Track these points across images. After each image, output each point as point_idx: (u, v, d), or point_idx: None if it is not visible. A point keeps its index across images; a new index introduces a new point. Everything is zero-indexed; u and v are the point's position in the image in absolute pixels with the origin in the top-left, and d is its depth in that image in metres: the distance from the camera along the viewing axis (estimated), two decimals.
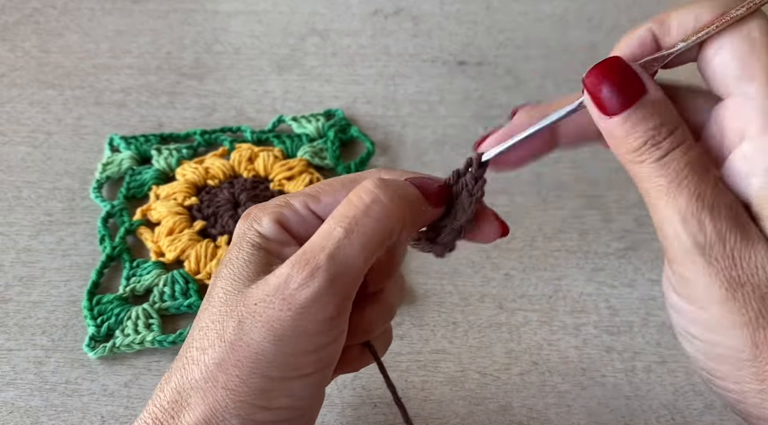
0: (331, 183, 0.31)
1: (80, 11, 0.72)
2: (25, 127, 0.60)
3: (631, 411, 0.42)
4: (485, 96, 0.64)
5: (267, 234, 0.30)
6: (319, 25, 0.71)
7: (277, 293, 0.27)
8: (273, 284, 0.27)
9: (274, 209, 0.30)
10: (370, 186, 0.28)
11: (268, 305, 0.27)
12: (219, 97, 0.63)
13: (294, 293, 0.26)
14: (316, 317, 0.27)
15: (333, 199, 0.30)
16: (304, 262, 0.27)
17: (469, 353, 0.45)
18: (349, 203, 0.28)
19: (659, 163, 0.25)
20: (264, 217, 0.30)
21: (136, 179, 0.55)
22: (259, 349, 0.26)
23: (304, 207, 0.30)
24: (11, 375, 0.44)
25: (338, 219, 0.28)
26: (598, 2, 0.75)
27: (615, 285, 0.49)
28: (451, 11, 0.74)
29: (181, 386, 0.27)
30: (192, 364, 0.28)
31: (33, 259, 0.50)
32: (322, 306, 0.27)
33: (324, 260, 0.27)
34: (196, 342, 0.28)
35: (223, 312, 0.28)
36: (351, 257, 0.27)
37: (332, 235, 0.27)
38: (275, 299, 0.27)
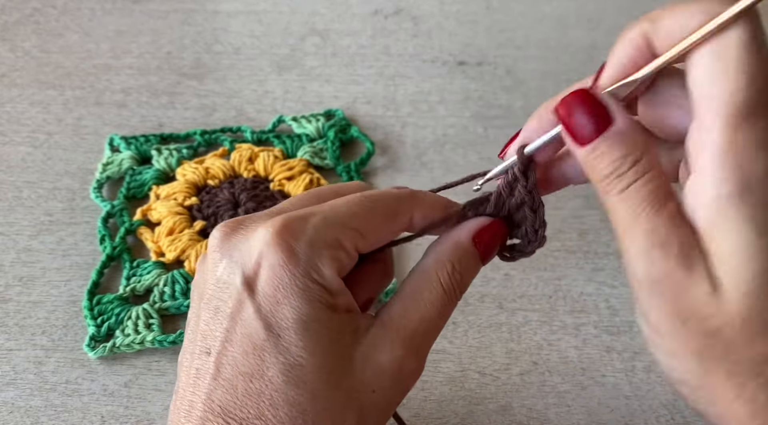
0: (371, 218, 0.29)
1: (80, 11, 0.72)
2: (25, 127, 0.60)
3: (631, 410, 0.42)
4: (485, 96, 0.64)
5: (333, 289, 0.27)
6: (319, 25, 0.71)
7: (394, 380, 0.28)
8: (389, 371, 0.28)
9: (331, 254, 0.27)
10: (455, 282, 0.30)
11: (386, 392, 0.28)
12: (219, 97, 0.63)
13: (407, 380, 0.29)
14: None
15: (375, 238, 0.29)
16: (416, 350, 0.29)
17: (469, 353, 0.45)
18: (442, 293, 0.30)
19: (621, 195, 0.26)
20: (325, 268, 0.27)
21: (136, 179, 0.55)
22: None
23: (355, 249, 0.28)
24: (11, 375, 0.44)
25: (438, 310, 0.30)
26: (598, 2, 0.75)
27: (615, 285, 0.49)
28: (451, 11, 0.74)
29: None
30: None
31: (33, 259, 0.50)
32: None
33: (428, 349, 0.30)
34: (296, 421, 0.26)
35: (337, 400, 0.26)
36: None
37: (435, 326, 0.30)
38: (391, 384, 0.28)
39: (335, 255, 0.27)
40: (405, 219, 0.30)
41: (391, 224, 0.30)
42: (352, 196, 0.30)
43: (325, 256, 0.27)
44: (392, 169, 0.57)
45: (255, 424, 0.25)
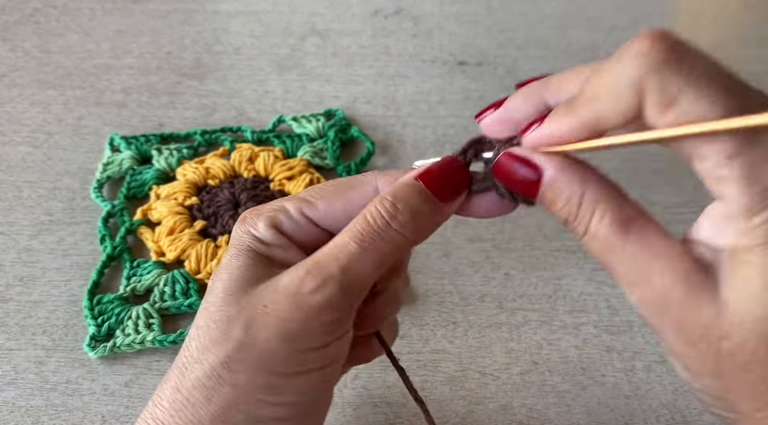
0: (325, 188, 0.31)
1: (81, 11, 0.72)
2: (25, 127, 0.60)
3: (631, 410, 0.42)
4: (485, 96, 0.64)
5: (264, 238, 0.30)
6: (319, 25, 0.72)
7: (288, 296, 0.28)
8: (284, 286, 0.28)
9: (269, 213, 0.31)
10: (382, 208, 0.29)
11: (279, 306, 0.28)
12: (219, 97, 0.63)
13: (306, 297, 0.28)
14: (324, 319, 0.28)
15: (328, 205, 0.31)
16: (318, 270, 0.28)
17: (469, 353, 0.45)
18: (364, 220, 0.29)
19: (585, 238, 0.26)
20: (259, 222, 0.30)
21: (136, 179, 0.55)
22: (268, 347, 0.27)
23: (299, 212, 0.31)
24: (12, 375, 0.44)
25: (353, 234, 0.29)
26: (598, 2, 0.75)
27: (615, 285, 0.49)
28: (451, 11, 0.74)
29: (182, 385, 0.28)
30: (194, 363, 0.28)
31: (33, 259, 0.50)
32: (331, 311, 0.28)
33: (336, 271, 0.28)
34: (196, 341, 0.28)
35: (227, 312, 0.28)
36: (361, 271, 0.28)
37: (346, 249, 0.28)
38: (286, 302, 0.28)
39: (273, 214, 0.30)
40: (366, 189, 0.31)
41: (344, 192, 0.31)
42: None
43: (263, 215, 0.30)
44: (392, 169, 0.57)
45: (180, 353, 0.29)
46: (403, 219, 0.29)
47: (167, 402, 0.28)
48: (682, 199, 0.54)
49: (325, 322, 0.28)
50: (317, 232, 0.31)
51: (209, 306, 0.29)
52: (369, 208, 0.29)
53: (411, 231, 0.29)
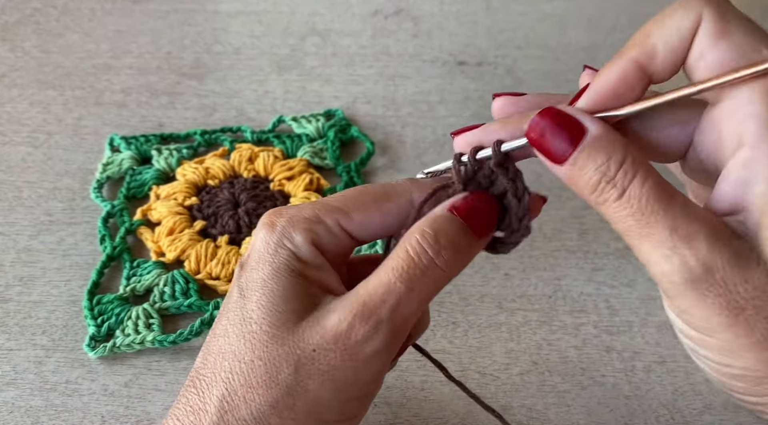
0: (361, 198, 0.30)
1: (80, 11, 0.72)
2: (25, 127, 0.60)
3: (631, 410, 0.42)
4: (485, 96, 0.64)
5: (305, 258, 0.29)
6: (319, 25, 0.72)
7: (338, 343, 0.27)
8: (332, 332, 0.27)
9: (306, 226, 0.29)
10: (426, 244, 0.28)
11: (328, 354, 0.27)
12: (219, 97, 0.63)
13: (357, 346, 0.27)
14: (375, 368, 0.27)
15: (365, 217, 0.29)
16: (368, 314, 0.27)
17: (469, 353, 0.45)
18: (408, 257, 0.28)
19: (620, 202, 0.24)
20: (297, 236, 0.29)
21: (136, 179, 0.55)
22: (316, 396, 0.27)
23: (337, 225, 0.29)
24: (11, 375, 0.44)
25: (398, 273, 0.27)
26: (598, 2, 0.75)
27: (615, 285, 0.49)
28: (451, 11, 0.74)
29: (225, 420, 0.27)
30: (239, 401, 0.27)
31: (33, 259, 0.50)
32: (382, 358, 0.27)
33: (387, 315, 0.27)
34: (240, 376, 0.27)
35: (274, 352, 0.27)
36: (409, 313, 0.28)
37: (394, 291, 0.27)
38: (337, 349, 0.27)
39: (311, 227, 0.29)
40: (402, 200, 0.30)
41: (381, 203, 0.30)
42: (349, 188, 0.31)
43: (300, 228, 0.29)
44: (392, 169, 0.57)
45: (207, 376, 0.28)
46: (446, 255, 0.28)
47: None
48: None
49: (374, 371, 0.27)
50: (350, 243, 0.30)
51: (252, 338, 0.27)
52: (411, 242, 0.28)
53: (452, 267, 0.29)
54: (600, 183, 0.25)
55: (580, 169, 0.25)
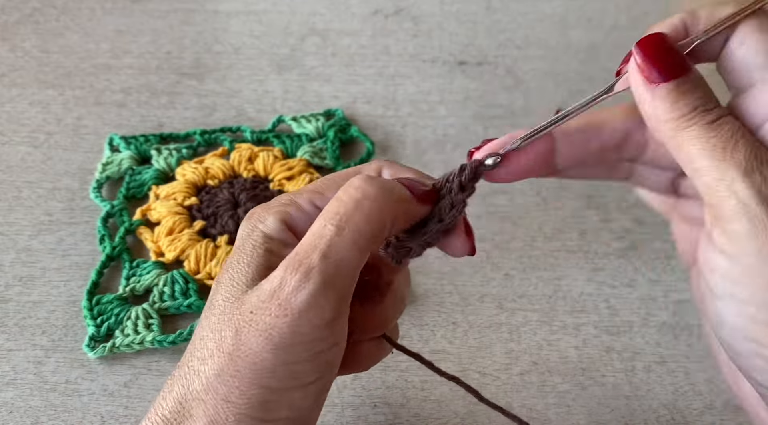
0: (333, 177, 0.30)
1: (80, 11, 0.72)
2: (25, 127, 0.60)
3: (631, 411, 0.42)
4: (485, 96, 0.64)
5: (271, 234, 0.29)
6: (319, 25, 0.71)
7: (272, 299, 0.26)
8: (267, 289, 0.26)
9: (279, 208, 0.29)
10: (357, 182, 0.28)
11: (263, 312, 0.26)
12: (219, 97, 0.63)
13: (289, 297, 0.26)
14: (313, 321, 0.26)
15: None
16: (297, 264, 0.26)
17: (469, 353, 0.45)
18: (338, 200, 0.27)
19: (712, 125, 0.26)
20: (269, 217, 0.29)
21: (135, 179, 0.55)
22: (257, 359, 0.26)
23: (310, 204, 0.29)
24: (11, 375, 0.44)
25: (328, 217, 0.27)
26: (598, 2, 0.75)
27: (615, 285, 0.49)
28: (451, 11, 0.74)
29: (183, 396, 0.27)
30: (193, 375, 0.27)
31: (33, 259, 0.50)
32: (319, 309, 0.26)
33: (317, 260, 0.26)
34: (197, 351, 0.27)
35: (222, 320, 0.27)
36: (344, 255, 0.26)
37: (323, 234, 0.26)
38: (270, 305, 0.26)
39: (283, 208, 0.29)
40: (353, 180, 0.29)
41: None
42: None
43: (273, 210, 0.29)
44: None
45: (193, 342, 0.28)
46: (374, 190, 0.27)
47: (168, 411, 0.27)
48: None
49: (314, 324, 0.26)
50: None
51: (210, 313, 0.28)
52: (343, 187, 0.28)
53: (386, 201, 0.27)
54: (696, 109, 0.26)
55: (678, 94, 0.27)
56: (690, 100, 0.26)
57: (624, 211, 0.53)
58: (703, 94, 0.27)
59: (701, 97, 0.27)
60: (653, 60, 0.27)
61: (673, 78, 0.27)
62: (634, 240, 0.51)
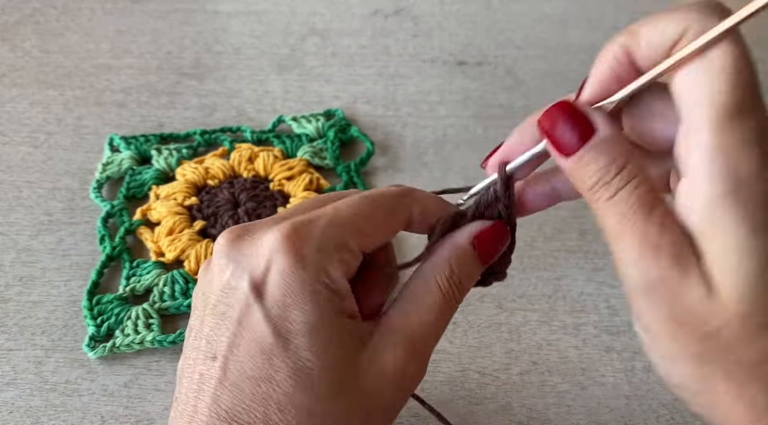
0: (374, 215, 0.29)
1: (81, 11, 0.72)
2: (25, 127, 0.60)
3: (631, 410, 0.42)
4: (485, 96, 0.64)
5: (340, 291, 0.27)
6: (319, 25, 0.71)
7: (396, 384, 0.28)
8: (391, 374, 0.28)
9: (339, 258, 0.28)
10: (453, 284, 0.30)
11: (389, 395, 0.28)
12: (219, 97, 0.63)
13: (410, 382, 0.29)
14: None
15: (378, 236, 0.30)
16: (419, 354, 0.29)
17: (468, 353, 0.45)
18: (441, 297, 0.30)
19: (609, 202, 0.26)
20: (333, 271, 0.27)
21: (136, 179, 0.55)
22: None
23: (360, 249, 0.29)
24: (11, 375, 0.44)
25: (436, 314, 0.30)
26: (598, 2, 0.75)
27: (615, 285, 0.49)
28: (451, 11, 0.74)
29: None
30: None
31: (33, 259, 0.50)
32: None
33: (429, 354, 0.30)
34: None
35: (343, 405, 0.27)
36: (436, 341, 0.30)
37: (434, 330, 0.30)
38: (396, 389, 0.28)
39: (343, 257, 0.28)
40: (404, 216, 0.30)
41: (391, 220, 0.30)
42: (351, 198, 0.30)
43: (334, 259, 0.27)
44: (392, 169, 0.57)
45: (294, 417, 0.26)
46: (462, 291, 0.31)
47: None
48: None
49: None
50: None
51: (318, 389, 0.26)
52: (442, 281, 0.30)
53: (460, 300, 0.31)
54: (597, 183, 0.26)
55: (583, 166, 0.26)
56: (592, 173, 0.26)
57: None
58: (606, 163, 0.26)
59: (603, 168, 0.26)
60: (551, 139, 0.27)
61: (575, 150, 0.26)
62: None
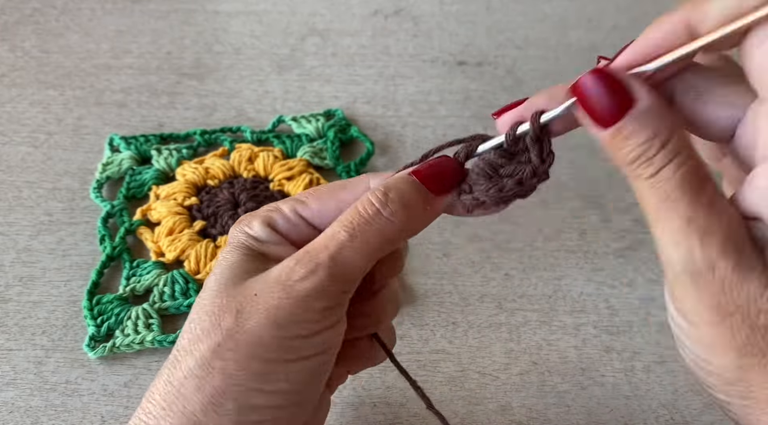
0: (319, 189, 0.32)
1: (81, 11, 0.72)
2: (25, 127, 0.60)
3: (631, 410, 0.42)
4: (485, 96, 0.64)
5: (258, 236, 0.31)
6: (319, 25, 0.71)
7: (277, 283, 0.28)
8: (274, 275, 0.29)
9: (263, 214, 0.31)
10: (374, 198, 0.29)
11: (268, 294, 0.28)
12: (219, 97, 0.63)
13: (295, 284, 0.28)
14: (314, 306, 0.28)
15: (321, 206, 0.31)
16: (307, 259, 0.28)
17: (468, 353, 0.45)
18: (354, 210, 0.29)
19: (651, 180, 0.24)
20: (254, 221, 0.31)
21: (136, 179, 0.55)
22: (257, 335, 0.27)
23: (293, 211, 0.31)
24: (11, 375, 0.44)
25: (343, 224, 0.29)
26: (598, 2, 0.75)
27: (614, 285, 0.49)
28: (451, 11, 0.74)
29: (173, 377, 0.28)
30: (185, 355, 0.28)
31: (33, 259, 0.50)
32: (320, 296, 0.28)
33: (326, 258, 0.28)
34: (188, 334, 0.29)
35: (218, 303, 0.29)
36: (351, 259, 0.29)
37: (336, 238, 0.29)
38: (275, 289, 0.28)
39: (267, 214, 0.31)
40: (358, 189, 0.31)
41: (337, 192, 0.31)
42: None
43: (258, 216, 0.31)
44: (392, 169, 0.56)
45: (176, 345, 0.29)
46: (393, 207, 0.29)
47: (159, 395, 0.28)
48: None
49: (315, 309, 0.28)
50: (312, 232, 0.31)
51: (201, 299, 0.29)
52: (361, 199, 0.30)
53: (401, 220, 0.29)
54: (639, 158, 0.24)
55: (623, 140, 0.25)
56: (631, 148, 0.24)
57: (624, 211, 0.53)
58: (647, 137, 0.24)
59: (644, 142, 0.24)
60: (587, 108, 0.25)
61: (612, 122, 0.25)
62: (634, 241, 0.52)
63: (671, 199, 0.24)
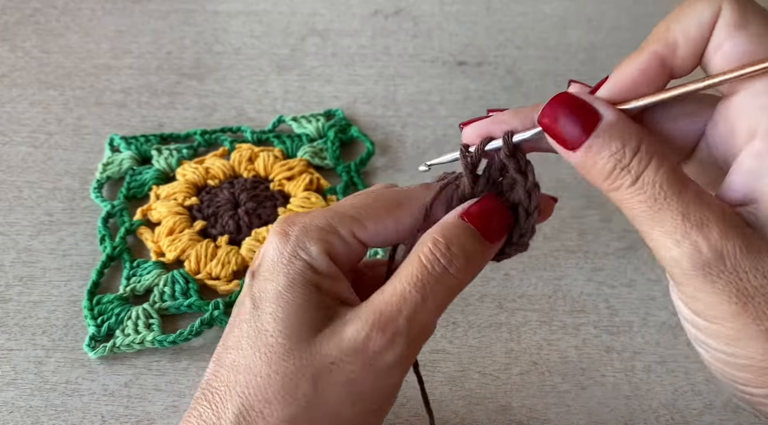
0: (373, 205, 0.30)
1: (81, 11, 0.72)
2: (25, 127, 0.60)
3: (631, 410, 0.42)
4: (485, 96, 0.64)
5: (320, 268, 0.28)
6: (319, 25, 0.72)
7: (356, 354, 0.27)
8: (350, 344, 0.27)
9: (321, 236, 0.29)
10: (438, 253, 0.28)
11: (346, 366, 0.27)
12: (219, 97, 0.63)
13: (375, 357, 0.27)
14: (395, 379, 0.27)
15: (378, 225, 0.29)
16: (384, 325, 0.27)
17: (468, 353, 0.45)
18: (420, 265, 0.28)
19: (633, 188, 0.24)
20: (312, 246, 0.28)
21: (136, 179, 0.55)
22: (336, 410, 0.27)
23: (351, 236, 0.29)
24: (11, 375, 0.44)
25: (413, 282, 0.28)
26: (598, 2, 0.75)
27: (614, 285, 0.49)
28: (451, 11, 0.74)
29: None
30: (256, 416, 0.26)
31: (33, 259, 0.50)
32: (400, 368, 0.27)
33: (403, 325, 0.27)
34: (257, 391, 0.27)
35: (291, 366, 0.27)
36: (425, 322, 0.28)
37: (409, 300, 0.27)
38: (355, 361, 0.27)
39: (326, 237, 0.28)
40: (415, 207, 0.30)
41: (394, 211, 0.30)
42: (359, 192, 0.31)
43: (315, 237, 0.28)
44: (392, 169, 0.57)
45: (221, 390, 0.27)
46: (458, 264, 0.28)
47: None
48: None
49: (392, 383, 0.27)
50: (362, 251, 0.30)
51: (268, 351, 0.27)
52: (423, 251, 0.28)
53: (465, 274, 0.29)
54: (614, 169, 0.25)
55: (594, 155, 0.25)
56: (605, 161, 0.25)
57: None
58: (617, 147, 0.24)
59: (616, 153, 0.24)
60: (553, 132, 0.26)
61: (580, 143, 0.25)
62: (634, 240, 0.52)
63: (659, 201, 0.24)
